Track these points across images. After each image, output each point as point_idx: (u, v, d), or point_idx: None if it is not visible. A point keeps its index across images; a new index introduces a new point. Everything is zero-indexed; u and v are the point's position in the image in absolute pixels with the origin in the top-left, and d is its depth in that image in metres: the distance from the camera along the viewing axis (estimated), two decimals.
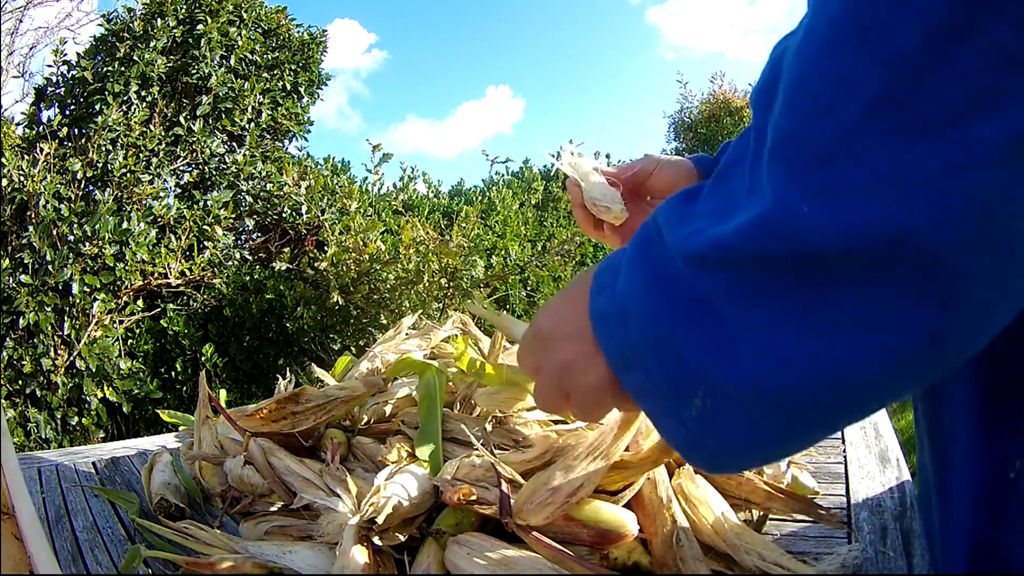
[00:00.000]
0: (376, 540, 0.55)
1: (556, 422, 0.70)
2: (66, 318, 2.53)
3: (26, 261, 2.51)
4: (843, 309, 0.23)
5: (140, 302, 2.84)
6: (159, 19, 3.08)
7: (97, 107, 2.86)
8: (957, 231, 0.21)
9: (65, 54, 3.06)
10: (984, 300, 0.22)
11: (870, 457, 0.74)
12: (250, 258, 3.28)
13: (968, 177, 0.21)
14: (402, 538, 0.57)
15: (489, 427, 0.70)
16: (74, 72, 3.03)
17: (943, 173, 0.21)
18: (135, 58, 2.97)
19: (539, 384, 0.37)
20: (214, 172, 3.17)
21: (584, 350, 0.32)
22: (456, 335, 0.93)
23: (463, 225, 3.17)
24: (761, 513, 0.59)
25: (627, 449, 0.62)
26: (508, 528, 0.52)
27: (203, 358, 2.83)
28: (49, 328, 2.49)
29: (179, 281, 2.84)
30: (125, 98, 2.93)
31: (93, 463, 0.91)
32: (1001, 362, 0.32)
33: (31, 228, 2.55)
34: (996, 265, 0.22)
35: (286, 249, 3.21)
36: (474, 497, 0.54)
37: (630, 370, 0.30)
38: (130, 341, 2.83)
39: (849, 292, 0.23)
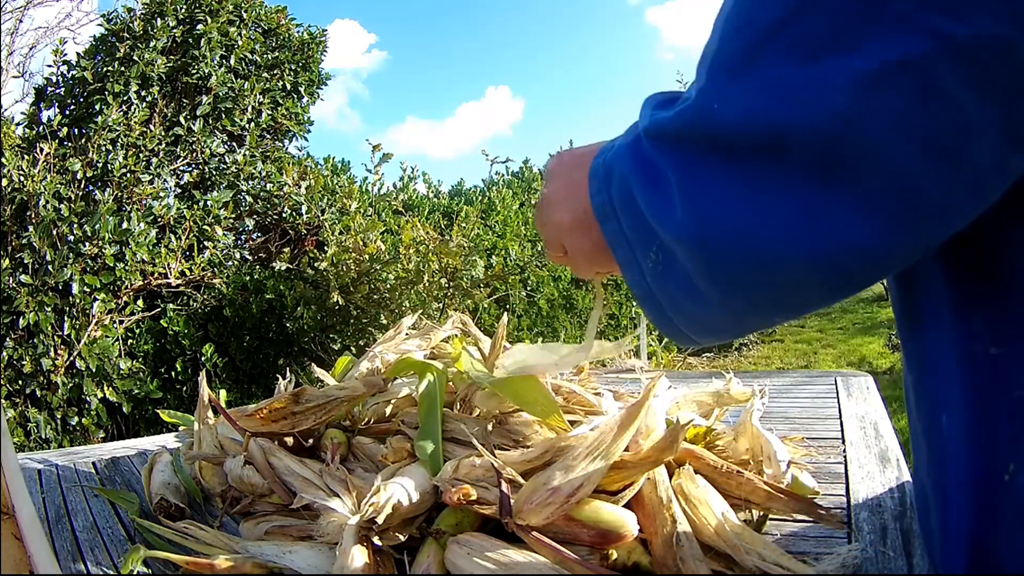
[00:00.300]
0: (376, 540, 0.55)
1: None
2: (66, 318, 2.53)
3: (26, 261, 2.51)
4: (745, 180, 0.29)
5: (140, 302, 2.84)
6: (159, 19, 3.08)
7: (97, 107, 2.86)
8: (821, 133, 0.27)
9: (65, 54, 3.06)
10: (855, 202, 0.27)
11: (870, 457, 0.74)
12: (250, 258, 3.28)
13: (834, 95, 0.26)
14: (402, 538, 0.57)
15: (489, 427, 0.70)
16: (74, 72, 3.03)
17: (815, 89, 0.26)
18: (135, 58, 2.97)
19: (544, 239, 0.46)
20: (214, 172, 3.17)
21: (564, 189, 0.42)
22: (456, 335, 0.93)
23: (463, 225, 3.17)
24: (761, 513, 0.59)
25: (627, 449, 0.61)
26: (508, 528, 0.52)
27: (203, 358, 2.83)
28: (49, 328, 2.49)
29: (179, 281, 2.84)
30: (125, 98, 2.93)
31: (93, 463, 0.91)
32: (994, 362, 0.33)
33: (31, 228, 2.55)
34: (865, 171, 0.27)
35: (286, 249, 3.21)
36: (474, 497, 0.54)
37: (608, 221, 0.37)
38: (130, 341, 2.83)
39: (746, 167, 0.29)
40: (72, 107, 3.01)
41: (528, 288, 4.22)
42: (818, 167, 0.27)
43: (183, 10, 3.17)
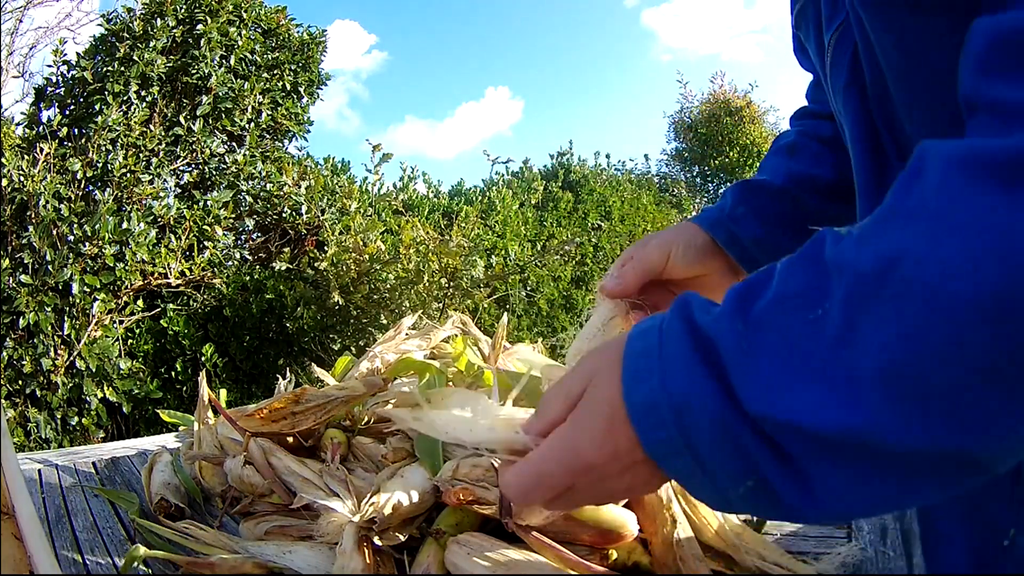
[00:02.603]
0: (376, 540, 0.55)
1: None
2: (66, 318, 2.53)
3: (26, 261, 2.51)
4: (906, 486, 0.26)
5: (140, 302, 2.84)
6: (159, 19, 3.08)
7: (97, 107, 2.86)
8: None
9: (65, 54, 3.07)
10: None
11: None
12: (250, 258, 3.28)
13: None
14: (402, 538, 0.57)
15: None
16: (74, 72, 3.03)
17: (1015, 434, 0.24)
18: (135, 58, 2.97)
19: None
20: (214, 172, 3.17)
21: (643, 476, 0.32)
22: (456, 335, 0.93)
23: (463, 225, 3.18)
24: None
25: None
26: (508, 528, 0.52)
27: (203, 358, 2.83)
28: (49, 328, 2.49)
29: (179, 281, 2.84)
30: (125, 98, 2.93)
31: (93, 463, 0.91)
32: None
33: (31, 228, 2.55)
34: None
35: (286, 249, 3.21)
36: (473, 497, 0.54)
37: (676, 457, 0.29)
38: (130, 341, 2.83)
39: (910, 480, 0.25)
40: (72, 107, 3.01)
41: (528, 288, 4.23)
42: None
43: (183, 10, 3.17)
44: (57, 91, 3.04)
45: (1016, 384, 0.22)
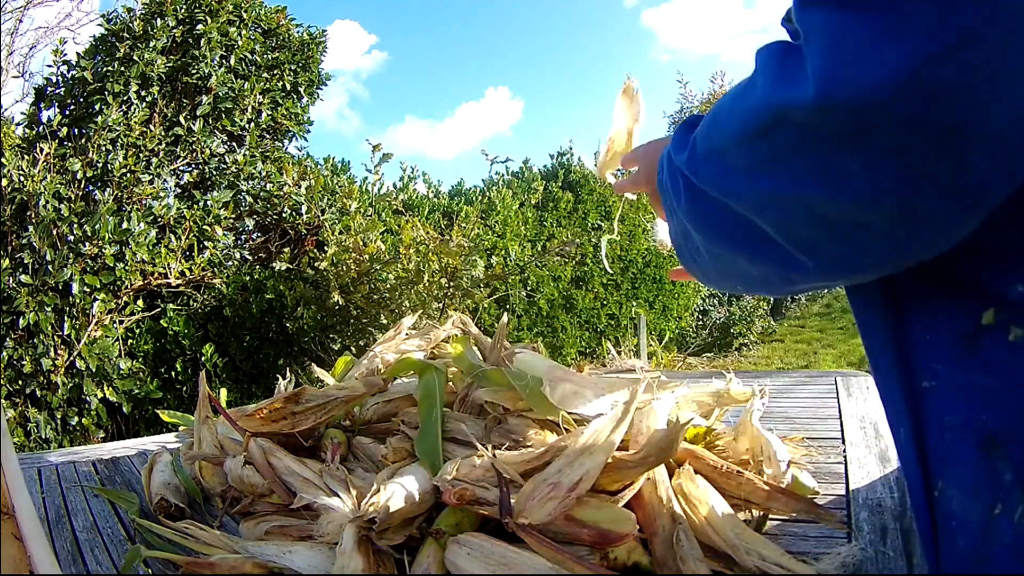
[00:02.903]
0: (376, 540, 0.55)
1: (553, 423, 0.70)
2: (66, 318, 2.53)
3: (26, 261, 2.51)
4: (704, 208, 0.42)
5: (140, 302, 2.84)
6: (159, 19, 3.08)
7: (97, 107, 2.86)
8: (764, 203, 0.37)
9: (65, 54, 3.06)
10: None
11: (870, 457, 0.74)
12: (250, 258, 3.28)
13: (752, 185, 0.37)
14: (402, 538, 0.57)
15: (484, 425, 0.70)
16: (74, 72, 3.03)
17: (739, 182, 0.38)
18: (135, 58, 2.97)
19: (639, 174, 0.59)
20: (214, 172, 3.17)
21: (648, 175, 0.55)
22: (456, 335, 0.93)
23: (463, 225, 3.17)
24: (761, 513, 0.59)
25: (627, 450, 0.62)
26: (508, 528, 0.52)
27: (203, 358, 2.83)
28: (49, 328, 2.49)
29: (179, 281, 2.84)
30: (125, 98, 2.93)
31: (93, 463, 0.91)
32: (926, 393, 0.40)
33: (31, 228, 2.55)
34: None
35: (286, 249, 3.21)
36: (472, 497, 0.54)
37: (661, 185, 0.48)
38: (130, 341, 2.83)
39: (703, 202, 0.42)
40: (72, 107, 3.00)
41: (528, 288, 4.23)
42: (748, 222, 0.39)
43: (183, 10, 3.17)
44: (57, 91, 3.04)
45: (731, 161, 0.38)
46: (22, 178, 2.60)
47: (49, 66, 3.05)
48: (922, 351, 0.39)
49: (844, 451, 0.76)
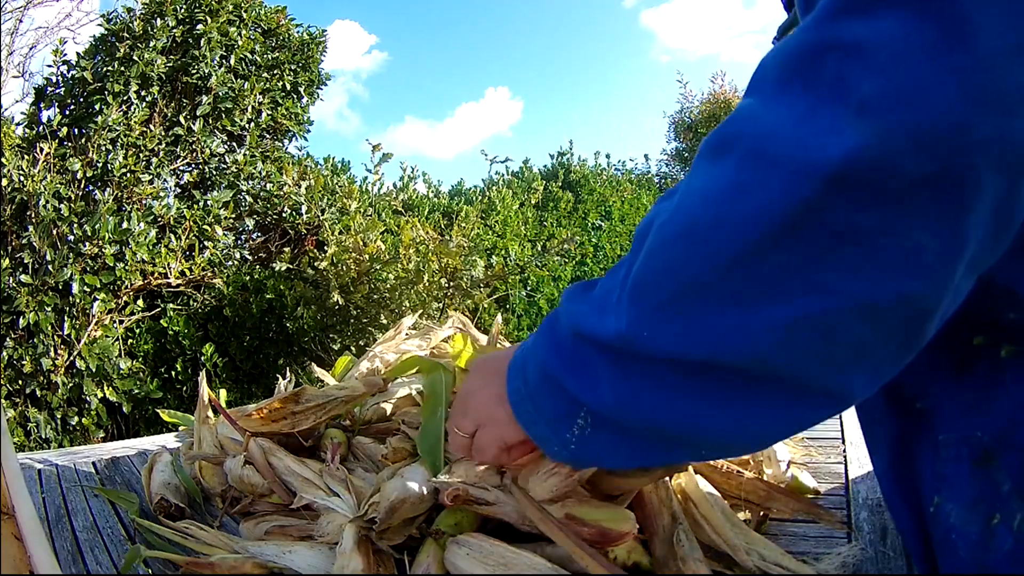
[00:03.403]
0: (376, 540, 0.55)
1: None
2: (66, 318, 2.53)
3: (26, 261, 2.51)
4: (682, 389, 0.33)
5: (140, 302, 2.84)
6: (159, 19, 3.08)
7: (97, 107, 2.86)
8: (746, 367, 0.31)
9: (65, 54, 3.06)
10: (788, 402, 0.33)
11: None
12: (250, 258, 3.28)
13: (749, 340, 0.30)
14: (402, 538, 0.57)
15: None
16: (74, 72, 3.03)
17: (735, 336, 0.30)
18: (135, 58, 2.97)
19: (482, 442, 0.48)
20: (214, 172, 3.17)
21: (504, 416, 0.43)
22: (456, 334, 0.93)
23: (463, 225, 3.17)
24: (761, 513, 0.59)
25: None
26: (508, 490, 0.53)
27: (203, 358, 2.83)
28: (49, 328, 2.49)
29: (179, 281, 2.84)
30: (125, 98, 2.93)
31: (93, 463, 0.91)
32: (920, 414, 0.40)
33: (31, 228, 2.55)
34: (786, 386, 0.32)
35: (286, 249, 3.21)
36: (469, 498, 0.54)
37: (522, 404, 0.40)
38: (130, 341, 2.83)
39: (683, 381, 0.33)
40: (72, 107, 3.01)
41: (528, 288, 4.22)
42: (750, 383, 0.32)
43: (183, 10, 3.17)
44: (57, 91, 3.04)
45: (728, 294, 0.30)
46: (22, 178, 2.59)
47: (49, 66, 3.05)
48: (915, 376, 0.38)
49: (844, 451, 0.76)
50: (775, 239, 0.28)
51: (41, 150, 2.69)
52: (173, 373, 2.84)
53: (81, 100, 3.00)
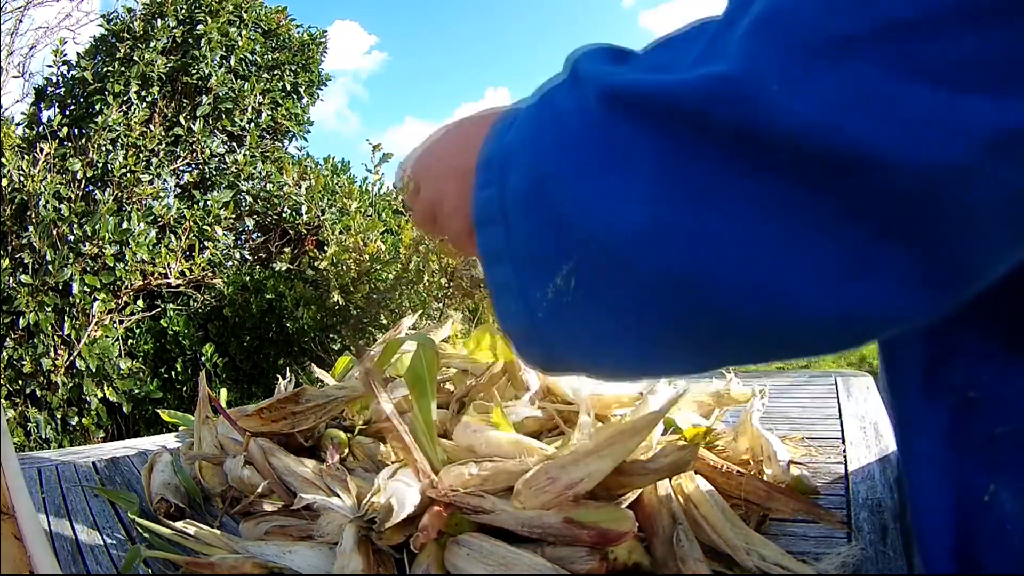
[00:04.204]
0: (376, 540, 0.55)
1: (550, 430, 0.70)
2: (66, 318, 2.53)
3: (26, 261, 2.51)
4: (786, 207, 0.21)
5: (140, 302, 2.84)
6: (159, 19, 3.08)
7: (97, 107, 2.86)
8: (928, 179, 0.20)
9: (65, 54, 3.07)
10: (917, 266, 0.21)
11: (870, 457, 0.74)
12: (250, 258, 3.28)
13: (966, 143, 0.19)
14: (402, 538, 0.57)
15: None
16: (74, 72, 3.03)
17: (927, 125, 0.19)
18: (135, 58, 2.97)
19: (415, 206, 0.36)
20: (214, 172, 3.17)
21: (455, 191, 0.30)
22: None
23: None
24: (761, 513, 0.59)
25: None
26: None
27: (203, 358, 2.83)
28: (49, 328, 2.49)
29: (179, 281, 2.84)
30: (125, 98, 2.93)
31: (93, 463, 0.91)
32: (971, 405, 0.34)
33: (31, 228, 2.55)
34: (949, 236, 0.21)
35: (286, 249, 3.21)
36: (466, 506, 0.54)
37: (489, 225, 0.27)
38: (130, 341, 2.83)
39: (792, 193, 0.21)
40: (72, 107, 3.01)
41: None
42: (895, 217, 0.20)
43: (183, 10, 3.17)
44: (57, 91, 3.04)
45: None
46: (22, 178, 2.59)
47: (49, 66, 3.05)
48: (966, 362, 0.34)
49: (844, 451, 0.76)
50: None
51: (41, 150, 2.69)
52: (173, 373, 2.84)
53: (81, 100, 3.00)
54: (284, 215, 3.25)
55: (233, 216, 3.10)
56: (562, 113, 0.25)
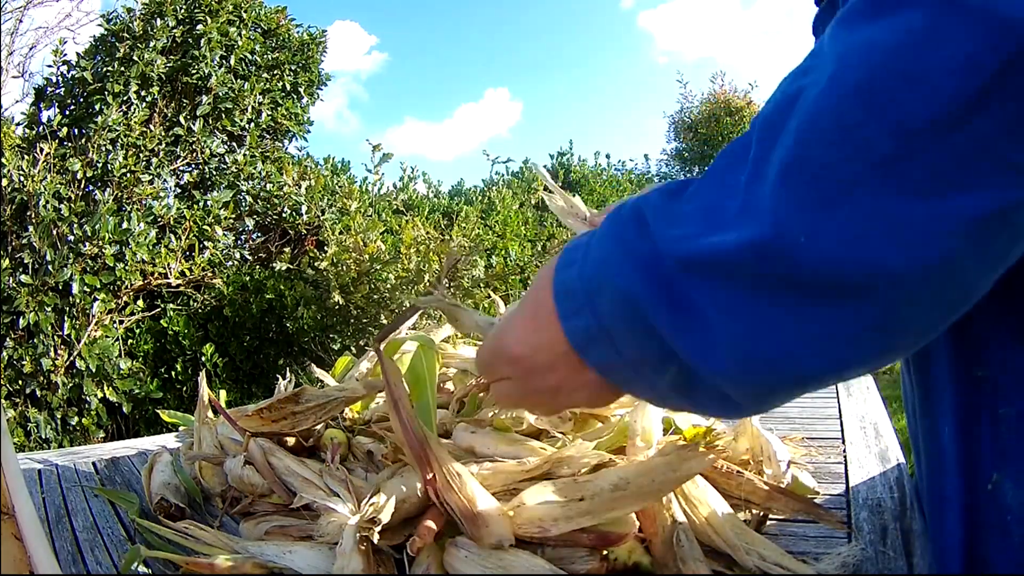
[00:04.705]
0: (376, 540, 0.55)
1: (542, 434, 0.70)
2: (66, 318, 2.53)
3: (26, 261, 2.51)
4: (812, 323, 0.26)
5: (140, 302, 2.84)
6: (159, 19, 3.08)
7: (97, 107, 2.86)
8: (923, 281, 0.25)
9: (65, 54, 3.07)
10: (919, 332, 0.28)
11: (870, 457, 0.74)
12: (250, 258, 3.28)
13: (949, 238, 0.24)
14: (402, 539, 0.57)
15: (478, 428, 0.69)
16: (74, 72, 3.03)
17: (928, 228, 0.24)
18: (135, 58, 2.97)
19: (523, 402, 0.39)
20: (214, 172, 3.17)
21: (569, 372, 0.33)
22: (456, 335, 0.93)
23: (463, 225, 3.18)
24: (761, 513, 0.59)
25: (625, 452, 0.61)
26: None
27: (203, 358, 2.83)
28: (49, 328, 2.49)
29: (179, 281, 2.84)
30: (125, 98, 2.93)
31: (93, 463, 0.91)
32: (981, 383, 0.37)
33: (31, 228, 2.55)
34: (942, 308, 0.27)
35: (286, 249, 3.21)
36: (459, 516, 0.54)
37: (595, 344, 0.31)
38: (130, 341, 2.83)
39: (817, 313, 0.26)
40: (72, 107, 3.01)
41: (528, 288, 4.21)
42: (902, 305, 0.26)
43: (183, 10, 3.17)
44: (57, 91, 3.04)
45: (916, 176, 0.24)
46: (22, 178, 2.60)
47: (49, 66, 3.06)
48: (978, 333, 0.36)
49: (844, 451, 0.76)
50: (979, 102, 0.23)
51: (41, 150, 2.69)
52: (173, 373, 2.84)
53: (81, 100, 3.00)
54: (284, 215, 3.25)
55: (233, 216, 3.10)
56: (638, 258, 0.29)
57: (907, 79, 0.24)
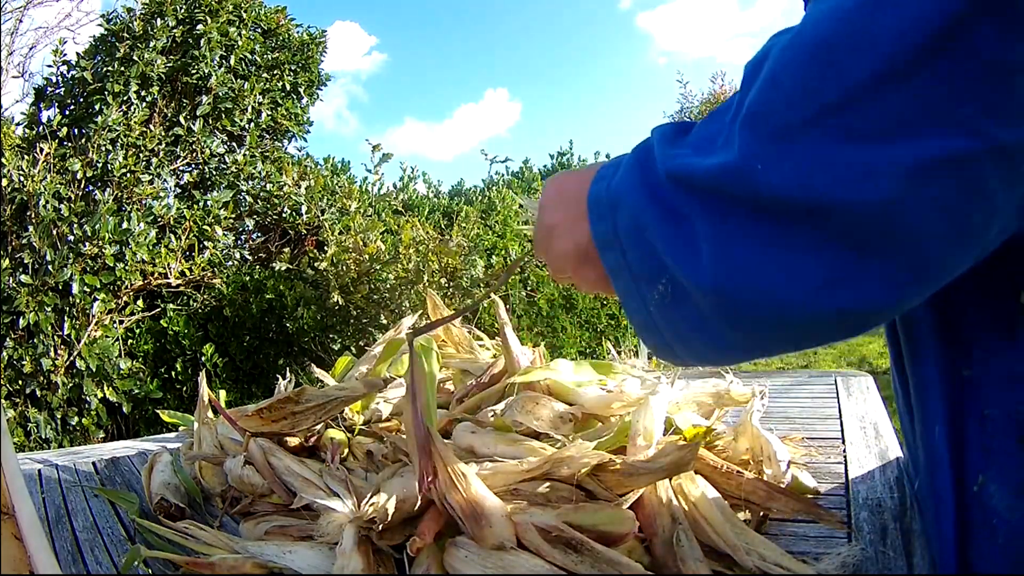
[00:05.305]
0: (376, 540, 0.55)
1: (541, 435, 0.69)
2: (66, 318, 2.53)
3: (26, 261, 2.51)
4: (779, 240, 0.30)
5: (140, 302, 2.84)
6: (159, 19, 3.08)
7: (97, 107, 2.86)
8: (867, 213, 0.28)
9: (65, 54, 3.06)
10: (885, 278, 0.30)
11: (870, 457, 0.74)
12: (250, 258, 3.28)
13: (887, 181, 0.27)
14: (402, 538, 0.57)
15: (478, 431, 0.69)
16: (74, 72, 3.03)
17: (868, 172, 0.28)
18: (135, 58, 2.97)
19: (537, 233, 0.45)
20: (214, 172, 3.17)
21: (567, 219, 0.40)
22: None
23: (463, 225, 3.17)
24: (761, 513, 0.59)
25: (626, 452, 0.61)
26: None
27: (203, 358, 2.83)
28: (49, 328, 2.49)
29: (179, 281, 2.84)
30: (125, 98, 2.93)
31: (93, 463, 0.91)
32: (967, 383, 0.38)
33: (31, 228, 2.55)
34: (900, 254, 0.29)
35: (286, 249, 3.21)
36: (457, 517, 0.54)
37: (610, 249, 0.37)
38: (130, 341, 2.83)
39: (782, 230, 0.30)
40: (72, 107, 3.00)
41: (528, 288, 4.22)
42: (855, 239, 0.29)
43: (183, 10, 3.17)
44: (57, 91, 3.04)
45: (861, 123, 0.27)
46: (22, 178, 2.59)
47: (49, 66, 3.05)
48: (964, 333, 0.37)
49: (844, 451, 0.76)
50: (920, 60, 0.26)
51: (41, 150, 2.69)
52: (173, 373, 2.84)
53: (81, 100, 3.00)
54: (284, 215, 3.25)
55: (233, 216, 3.10)
56: (645, 179, 0.35)
57: (857, 37, 0.27)
